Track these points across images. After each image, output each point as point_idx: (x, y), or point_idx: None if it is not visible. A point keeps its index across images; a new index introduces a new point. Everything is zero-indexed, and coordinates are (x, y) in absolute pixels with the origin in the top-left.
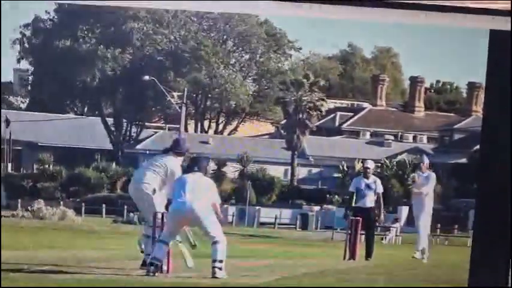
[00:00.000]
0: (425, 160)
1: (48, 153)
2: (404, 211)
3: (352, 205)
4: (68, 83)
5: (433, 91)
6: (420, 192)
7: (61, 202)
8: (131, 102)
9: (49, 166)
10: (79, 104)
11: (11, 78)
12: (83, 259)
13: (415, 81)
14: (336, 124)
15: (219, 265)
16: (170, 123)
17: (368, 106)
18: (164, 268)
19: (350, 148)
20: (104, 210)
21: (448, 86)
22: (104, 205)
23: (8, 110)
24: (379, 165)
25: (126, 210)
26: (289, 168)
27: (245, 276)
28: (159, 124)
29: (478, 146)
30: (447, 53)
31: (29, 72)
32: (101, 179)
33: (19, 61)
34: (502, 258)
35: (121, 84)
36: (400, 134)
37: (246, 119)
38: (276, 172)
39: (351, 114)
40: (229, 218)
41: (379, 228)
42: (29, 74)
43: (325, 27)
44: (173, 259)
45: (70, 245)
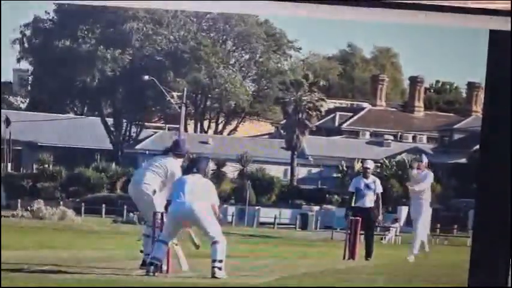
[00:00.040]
0: (424, 159)
1: (48, 153)
2: (404, 211)
3: (351, 205)
4: (68, 83)
5: (433, 91)
6: (419, 190)
7: (61, 202)
8: (131, 102)
9: (49, 166)
10: (79, 104)
11: (11, 78)
12: (83, 259)
13: (415, 81)
14: (336, 124)
15: (219, 265)
16: (170, 123)
17: (368, 106)
18: (164, 268)
19: (350, 148)
20: (104, 210)
21: (448, 86)
22: (104, 205)
23: (8, 110)
24: (378, 165)
25: (126, 210)
26: (288, 168)
27: (245, 276)
28: (159, 124)
29: (478, 146)
30: (447, 53)
31: (29, 72)
32: (101, 179)
33: (19, 61)
34: (502, 258)
35: (121, 84)
36: (400, 134)
37: (246, 119)
38: (276, 172)
39: (351, 114)
40: (228, 218)
41: (378, 228)
42: (29, 74)
43: (325, 27)
44: (173, 259)
45: (70, 245)
